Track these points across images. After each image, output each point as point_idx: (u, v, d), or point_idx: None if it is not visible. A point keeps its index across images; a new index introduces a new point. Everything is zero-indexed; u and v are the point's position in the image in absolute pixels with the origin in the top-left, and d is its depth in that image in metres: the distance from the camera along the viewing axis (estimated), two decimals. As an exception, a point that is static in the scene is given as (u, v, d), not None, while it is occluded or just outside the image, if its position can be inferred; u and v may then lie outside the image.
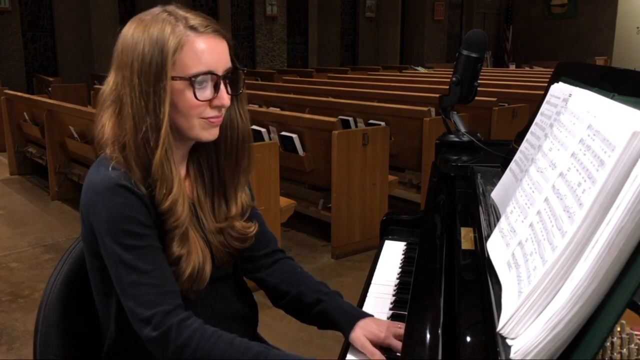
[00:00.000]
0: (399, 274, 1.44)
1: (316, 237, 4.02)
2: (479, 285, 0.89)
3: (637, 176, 0.60)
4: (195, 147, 1.16)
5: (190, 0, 10.79)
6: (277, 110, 5.00)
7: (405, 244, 1.61)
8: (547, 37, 16.05)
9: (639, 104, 0.74)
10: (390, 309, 1.26)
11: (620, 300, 0.60)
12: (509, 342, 0.70)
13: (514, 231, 0.88)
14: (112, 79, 1.06)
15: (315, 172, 3.84)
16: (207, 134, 1.08)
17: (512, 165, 1.18)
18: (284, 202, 3.44)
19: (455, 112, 1.77)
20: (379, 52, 14.38)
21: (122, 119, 1.04)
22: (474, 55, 1.66)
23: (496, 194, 1.19)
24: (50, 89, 7.32)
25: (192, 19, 1.04)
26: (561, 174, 0.79)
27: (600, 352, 0.64)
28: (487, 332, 0.76)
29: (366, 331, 1.12)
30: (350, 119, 4.54)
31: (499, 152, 1.50)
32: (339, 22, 13.75)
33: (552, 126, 0.97)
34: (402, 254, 1.54)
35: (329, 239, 3.73)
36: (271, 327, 2.64)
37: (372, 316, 1.17)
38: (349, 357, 1.12)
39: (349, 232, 3.72)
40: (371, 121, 4.36)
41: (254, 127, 3.96)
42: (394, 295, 1.32)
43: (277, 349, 1.11)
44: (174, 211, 1.04)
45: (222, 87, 1.06)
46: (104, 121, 1.06)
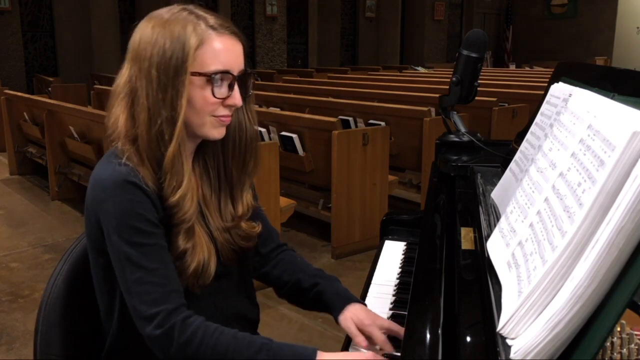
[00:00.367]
0: (399, 274, 1.44)
1: (316, 237, 4.02)
2: (479, 285, 0.89)
3: (637, 176, 0.60)
4: (201, 146, 1.17)
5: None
6: (277, 110, 4.99)
7: (405, 244, 1.61)
8: (547, 37, 16.05)
9: (639, 104, 0.74)
10: (390, 309, 1.26)
11: (620, 300, 0.60)
12: (509, 342, 0.70)
13: (514, 231, 0.88)
14: (126, 72, 1.07)
15: (315, 172, 3.84)
16: (216, 133, 1.10)
17: (512, 165, 1.18)
18: (284, 202, 3.44)
19: (455, 112, 1.77)
20: (379, 52, 14.38)
21: (136, 111, 1.05)
22: (474, 55, 1.67)
23: (496, 194, 1.19)
24: (50, 89, 7.32)
25: (211, 19, 1.07)
26: (561, 174, 0.79)
27: (600, 352, 0.64)
28: (487, 332, 0.76)
29: (354, 315, 1.16)
30: (350, 119, 4.54)
31: (499, 152, 1.50)
32: (339, 22, 13.75)
33: (552, 126, 0.97)
34: (402, 254, 1.54)
35: (329, 239, 3.73)
36: (271, 327, 2.65)
37: (364, 303, 1.21)
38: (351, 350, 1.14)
39: (349, 232, 3.72)
40: (371, 121, 4.37)
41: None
42: (394, 295, 1.33)
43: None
44: (182, 205, 1.05)
45: (236, 87, 1.08)
46: (118, 113, 1.07)
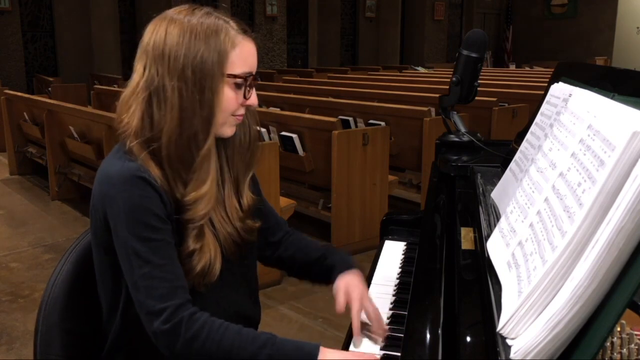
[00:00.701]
0: (399, 274, 1.44)
1: (316, 237, 3.99)
2: (479, 285, 0.89)
3: (637, 176, 0.60)
4: None
5: None
6: (277, 110, 4.99)
7: (405, 244, 1.61)
8: (547, 37, 16.05)
9: (639, 104, 0.74)
10: (390, 309, 1.26)
11: (620, 300, 0.60)
12: (509, 342, 0.70)
13: (514, 231, 0.88)
14: (146, 70, 1.07)
15: (315, 172, 3.84)
16: (230, 131, 1.14)
17: (512, 165, 1.18)
18: (284, 202, 3.44)
19: (455, 112, 1.77)
20: (379, 52, 14.38)
21: (161, 112, 1.06)
22: (474, 55, 1.67)
23: (496, 194, 1.19)
24: (50, 89, 7.32)
25: (234, 24, 1.10)
26: (561, 174, 0.79)
27: (600, 352, 0.64)
28: (487, 332, 0.76)
29: (348, 284, 1.20)
30: (350, 119, 4.54)
31: (499, 152, 1.50)
32: (339, 22, 13.75)
33: (552, 126, 0.97)
34: (402, 254, 1.54)
35: (329, 239, 3.72)
36: (271, 327, 2.64)
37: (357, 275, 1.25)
38: (351, 349, 1.15)
39: (349, 232, 3.72)
40: (371, 121, 4.37)
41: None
42: (394, 295, 1.32)
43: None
44: (199, 203, 1.07)
45: (254, 88, 1.13)
46: (134, 112, 1.08)
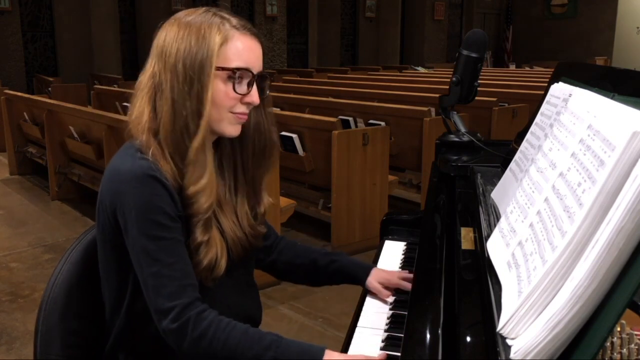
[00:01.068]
0: (399, 274, 1.44)
1: (316, 237, 4.02)
2: (479, 285, 0.89)
3: (637, 176, 0.60)
4: (217, 148, 1.19)
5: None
6: (277, 110, 4.99)
7: (405, 244, 1.60)
8: (547, 37, 16.05)
9: (639, 104, 0.74)
10: (390, 309, 1.26)
11: (620, 300, 0.60)
12: (509, 342, 0.70)
13: (514, 231, 0.88)
14: (150, 68, 1.11)
15: (315, 172, 3.84)
16: (232, 130, 1.13)
17: (512, 165, 1.18)
18: (284, 202, 3.44)
19: (455, 112, 1.77)
20: (379, 52, 14.38)
21: (160, 104, 1.08)
22: (474, 55, 1.66)
23: (496, 194, 1.19)
24: (50, 89, 7.31)
25: (234, 20, 1.12)
26: (561, 174, 0.79)
27: (600, 352, 0.64)
28: (487, 332, 0.76)
29: (378, 277, 1.33)
30: (350, 119, 4.54)
31: (499, 152, 1.50)
32: (339, 22, 13.75)
33: (552, 126, 0.97)
34: (402, 254, 1.54)
35: (329, 239, 3.73)
36: (271, 327, 2.64)
37: (376, 267, 1.39)
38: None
39: (349, 232, 3.72)
40: (371, 121, 4.36)
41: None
42: (394, 295, 1.32)
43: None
44: (201, 196, 1.08)
45: (255, 86, 1.12)
46: (142, 108, 1.10)
